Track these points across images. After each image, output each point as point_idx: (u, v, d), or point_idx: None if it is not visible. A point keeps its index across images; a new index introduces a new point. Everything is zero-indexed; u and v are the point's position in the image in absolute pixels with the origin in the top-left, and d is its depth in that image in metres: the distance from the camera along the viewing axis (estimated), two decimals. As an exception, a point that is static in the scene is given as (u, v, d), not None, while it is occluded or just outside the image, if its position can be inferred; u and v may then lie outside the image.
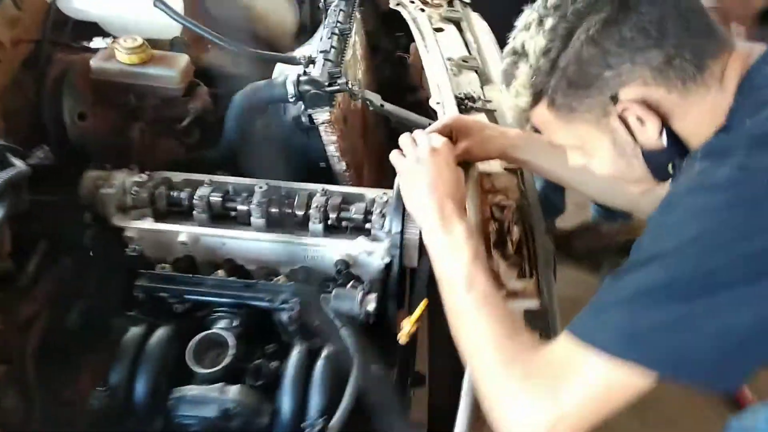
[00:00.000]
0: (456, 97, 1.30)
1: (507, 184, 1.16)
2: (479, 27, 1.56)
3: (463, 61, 1.40)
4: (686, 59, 0.79)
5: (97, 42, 1.30)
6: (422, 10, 1.42)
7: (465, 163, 1.12)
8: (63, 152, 1.16)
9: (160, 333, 0.98)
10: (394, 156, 1.05)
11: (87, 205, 1.14)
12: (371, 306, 1.02)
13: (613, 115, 0.84)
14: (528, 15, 0.87)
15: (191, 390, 0.94)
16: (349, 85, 1.15)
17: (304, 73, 1.13)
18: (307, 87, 1.09)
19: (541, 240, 1.10)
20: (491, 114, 1.32)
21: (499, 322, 0.84)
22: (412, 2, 1.43)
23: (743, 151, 0.74)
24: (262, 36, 1.44)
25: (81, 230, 1.11)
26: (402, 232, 1.06)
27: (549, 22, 0.82)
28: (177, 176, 1.20)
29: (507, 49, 0.91)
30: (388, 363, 1.02)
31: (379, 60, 1.66)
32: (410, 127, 1.17)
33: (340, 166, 1.20)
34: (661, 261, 0.72)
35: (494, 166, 1.21)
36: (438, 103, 1.27)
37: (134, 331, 0.98)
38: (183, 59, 1.23)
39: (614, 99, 0.82)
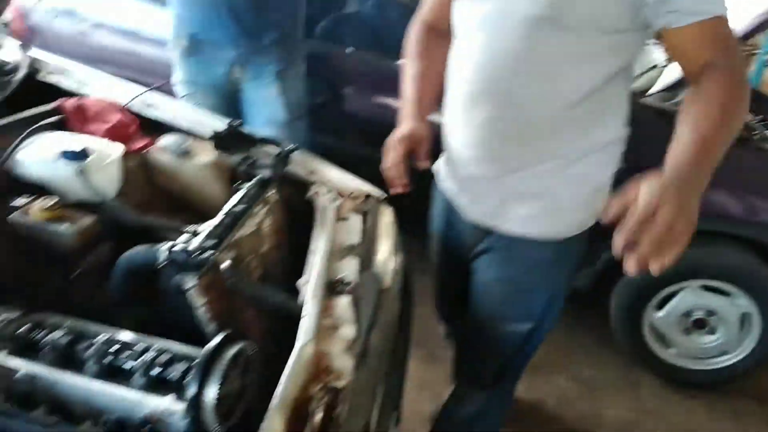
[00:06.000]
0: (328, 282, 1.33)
1: (343, 366, 1.12)
2: (385, 219, 1.59)
3: (350, 248, 1.44)
4: None
5: (18, 200, 1.41)
6: (334, 200, 1.40)
7: None
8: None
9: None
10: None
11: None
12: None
13: None
14: None
15: None
16: (219, 257, 1.23)
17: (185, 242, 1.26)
18: (176, 256, 1.22)
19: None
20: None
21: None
22: (326, 194, 1.41)
23: None
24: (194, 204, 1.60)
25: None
26: (198, 395, 0.99)
27: None
28: (58, 319, 1.17)
29: None
30: None
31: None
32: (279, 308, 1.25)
33: (209, 327, 1.25)
34: None
35: (336, 348, 1.15)
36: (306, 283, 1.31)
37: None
38: (87, 220, 1.38)
39: None
